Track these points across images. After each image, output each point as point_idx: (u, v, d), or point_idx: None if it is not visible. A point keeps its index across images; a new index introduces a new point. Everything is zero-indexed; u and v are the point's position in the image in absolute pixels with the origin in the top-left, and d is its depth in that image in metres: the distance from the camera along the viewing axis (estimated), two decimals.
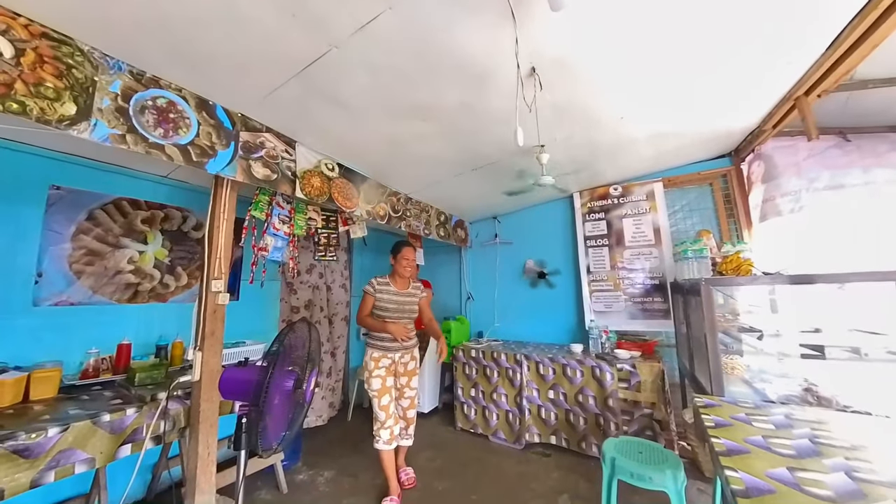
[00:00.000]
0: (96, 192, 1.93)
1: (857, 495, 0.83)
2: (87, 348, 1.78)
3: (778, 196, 2.37)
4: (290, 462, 2.39)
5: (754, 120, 2.28)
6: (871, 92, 1.90)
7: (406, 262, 2.15)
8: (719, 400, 1.54)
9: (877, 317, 1.59)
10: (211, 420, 1.54)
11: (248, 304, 2.64)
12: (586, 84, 1.69)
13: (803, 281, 1.76)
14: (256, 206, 1.93)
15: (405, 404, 2.21)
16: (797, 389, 1.88)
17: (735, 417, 1.33)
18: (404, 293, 2.17)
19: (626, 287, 2.99)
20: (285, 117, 1.74)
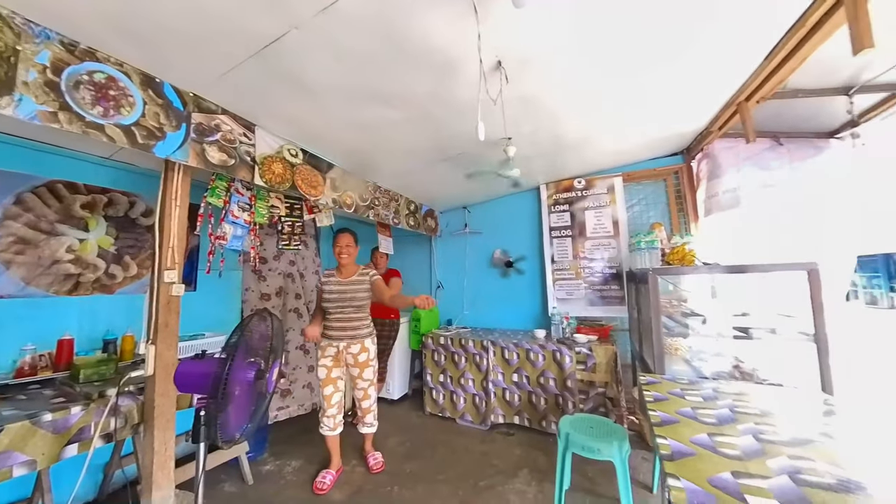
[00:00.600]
0: (25, 173, 1.74)
1: (758, 453, 0.98)
2: (22, 345, 1.64)
3: (720, 192, 2.59)
4: (256, 453, 2.36)
5: (703, 122, 2.46)
6: (801, 100, 2.10)
7: (338, 248, 2.13)
8: (660, 377, 1.71)
9: (792, 301, 1.81)
10: (167, 415, 1.49)
11: (207, 294, 2.52)
12: (550, 80, 1.74)
13: (735, 270, 1.96)
14: (213, 192, 1.83)
15: (359, 395, 2.24)
16: (728, 366, 2.12)
17: (672, 392, 1.49)
18: (347, 282, 2.15)
19: (586, 276, 3.17)
20: (243, 99, 1.65)
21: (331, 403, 2.11)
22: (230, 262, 2.60)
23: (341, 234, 2.15)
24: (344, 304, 2.11)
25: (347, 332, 2.12)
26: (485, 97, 1.62)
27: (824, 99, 2.05)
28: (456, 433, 2.75)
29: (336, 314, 2.12)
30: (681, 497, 0.81)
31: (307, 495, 1.99)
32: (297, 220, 2.36)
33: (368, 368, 2.21)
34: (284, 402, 2.79)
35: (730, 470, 0.91)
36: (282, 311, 2.85)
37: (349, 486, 2.09)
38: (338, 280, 2.15)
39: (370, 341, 2.24)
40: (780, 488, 0.82)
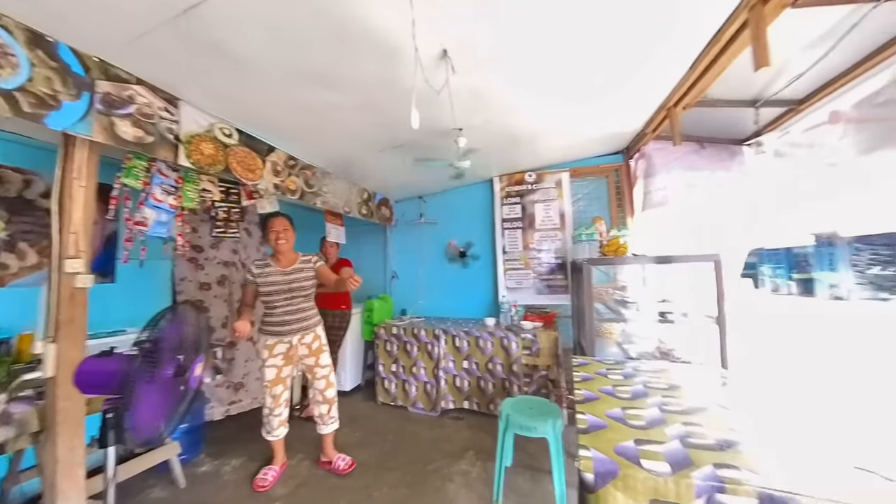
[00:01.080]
0: None
1: (660, 422, 1.10)
2: None
3: (653, 190, 2.83)
4: (190, 455, 2.22)
5: (639, 124, 2.64)
6: (720, 109, 2.34)
7: (273, 233, 1.96)
8: (591, 359, 1.85)
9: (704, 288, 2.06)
10: (74, 420, 1.34)
11: (130, 286, 2.28)
12: (499, 73, 1.76)
13: (657, 261, 2.16)
14: (129, 172, 1.64)
15: (321, 386, 2.10)
16: (651, 347, 2.36)
17: (598, 372, 1.62)
18: (290, 270, 1.99)
19: (534, 266, 3.32)
20: (164, 69, 1.48)
21: (279, 402, 2.00)
22: (154, 251, 2.36)
23: (275, 219, 1.98)
24: (291, 294, 1.97)
25: (300, 325, 2.00)
26: (426, 86, 1.61)
27: (738, 109, 2.30)
28: (407, 421, 2.79)
29: (282, 306, 1.96)
30: (588, 465, 0.90)
31: (247, 493, 1.92)
32: (235, 205, 2.19)
33: (324, 353, 2.11)
34: (237, 396, 2.65)
35: (633, 438, 1.02)
36: (228, 300, 2.67)
37: (293, 479, 2.04)
38: (279, 270, 1.98)
39: (321, 328, 2.15)
40: (670, 451, 0.94)
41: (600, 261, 2.24)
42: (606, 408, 1.22)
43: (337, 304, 3.06)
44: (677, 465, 0.88)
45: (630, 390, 1.38)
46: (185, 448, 2.16)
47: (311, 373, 2.09)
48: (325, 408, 2.11)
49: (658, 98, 2.24)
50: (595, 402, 1.28)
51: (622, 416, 1.15)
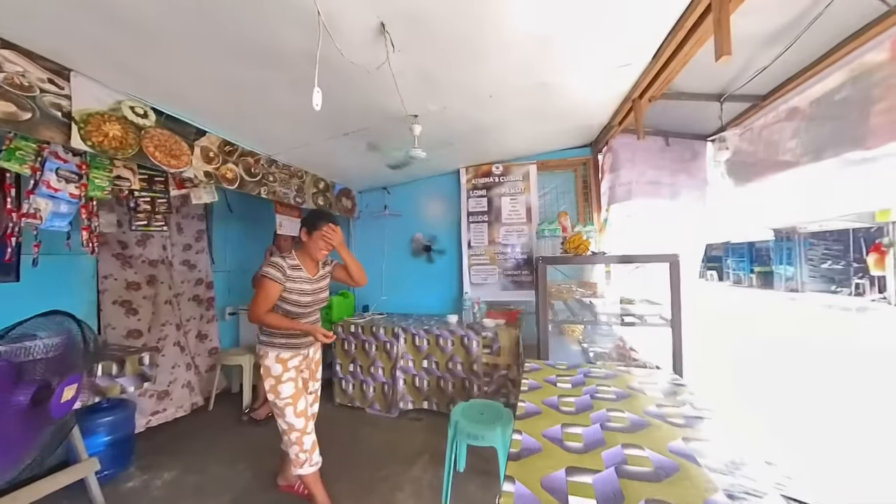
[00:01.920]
0: None
1: (599, 443, 1.02)
2: None
3: (618, 185, 2.76)
4: (117, 469, 2.02)
5: (605, 116, 2.55)
6: (685, 103, 2.27)
7: (324, 242, 1.66)
8: (543, 363, 1.78)
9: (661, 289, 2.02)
10: None
11: (38, 286, 2.02)
12: (450, 52, 1.60)
13: (615, 260, 2.10)
14: (10, 154, 1.39)
15: (309, 399, 1.82)
16: (610, 347, 2.32)
17: (547, 380, 1.54)
18: (317, 277, 1.75)
19: (500, 261, 3.23)
20: (44, 31, 1.24)
21: (308, 417, 1.72)
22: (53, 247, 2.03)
23: (335, 226, 1.69)
24: (317, 304, 1.76)
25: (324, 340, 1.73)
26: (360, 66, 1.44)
27: (703, 104, 2.24)
28: (364, 422, 2.68)
29: (306, 318, 1.74)
30: (509, 502, 0.80)
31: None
32: (160, 195, 1.96)
33: (320, 367, 1.94)
34: (161, 406, 2.44)
35: (566, 466, 0.93)
36: (155, 301, 2.44)
37: (228, 492, 1.89)
38: (308, 276, 1.70)
39: None
40: (602, 482, 0.86)
41: (555, 259, 2.16)
42: (546, 425, 1.14)
43: None
44: (605, 502, 0.79)
45: (575, 402, 1.30)
46: (109, 462, 1.97)
47: (306, 386, 1.83)
48: None
49: (622, 89, 2.14)
50: (536, 418, 1.19)
51: (560, 437, 1.07)
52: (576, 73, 1.88)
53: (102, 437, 1.95)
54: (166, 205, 1.99)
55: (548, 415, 1.21)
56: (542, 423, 1.16)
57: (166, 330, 2.53)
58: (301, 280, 1.66)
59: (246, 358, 2.83)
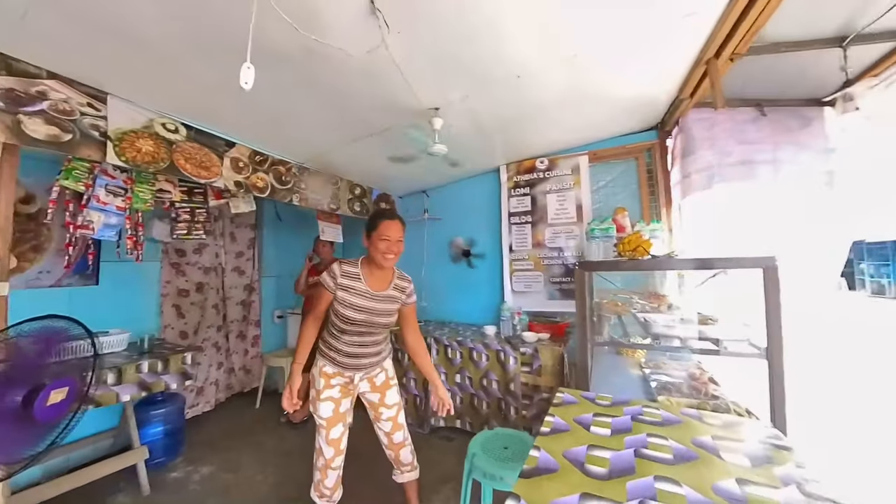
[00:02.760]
0: None
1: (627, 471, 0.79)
2: None
3: (694, 172, 2.22)
4: (168, 458, 2.21)
5: (672, 87, 2.07)
6: (786, 57, 1.70)
7: (384, 242, 1.39)
8: (580, 395, 1.43)
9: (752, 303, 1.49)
10: None
11: (114, 289, 2.32)
12: (458, 28, 1.39)
13: (688, 266, 1.63)
14: (69, 174, 1.58)
15: (386, 428, 1.61)
16: (682, 378, 1.82)
17: (578, 420, 1.21)
18: (381, 295, 1.47)
19: (546, 266, 2.86)
20: (84, 61, 1.37)
21: (340, 449, 1.51)
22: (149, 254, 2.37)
23: (390, 222, 1.42)
24: (371, 327, 1.47)
25: (368, 362, 1.53)
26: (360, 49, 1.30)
27: (814, 53, 1.65)
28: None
29: (354, 337, 1.48)
30: None
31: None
32: (199, 206, 2.10)
33: (392, 389, 1.63)
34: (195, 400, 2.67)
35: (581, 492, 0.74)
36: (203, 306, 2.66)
37: (249, 498, 1.91)
38: (367, 290, 1.45)
39: (389, 361, 1.68)
40: None
41: (597, 264, 1.77)
42: (571, 444, 0.95)
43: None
44: None
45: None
46: (161, 451, 2.16)
47: (374, 410, 1.63)
48: (392, 453, 1.65)
49: (691, 48, 1.68)
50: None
51: (581, 458, 0.88)
52: (625, 37, 1.51)
53: (156, 428, 2.14)
54: (205, 214, 2.13)
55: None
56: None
57: (211, 332, 2.76)
58: (355, 293, 1.43)
59: (287, 360, 2.95)
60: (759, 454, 0.98)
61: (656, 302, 2.12)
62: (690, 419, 1.19)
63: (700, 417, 1.20)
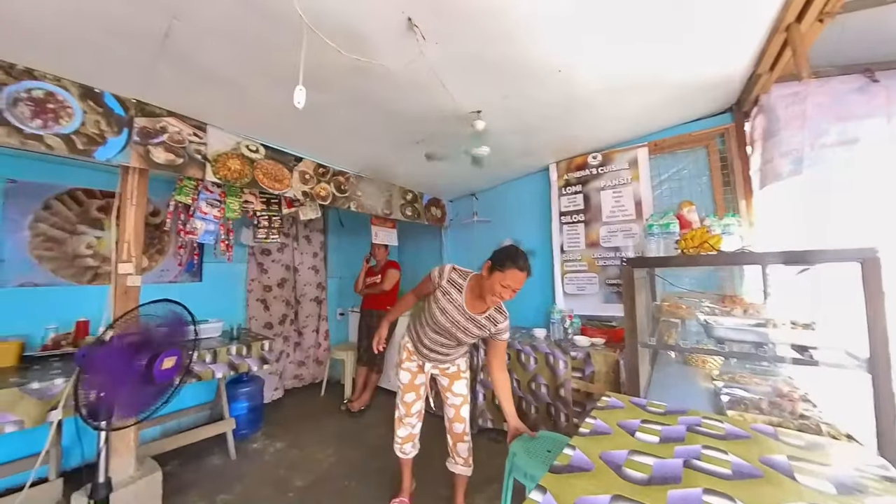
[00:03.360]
0: (51, 183, 2.11)
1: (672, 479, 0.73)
2: (48, 324, 2.01)
3: (777, 156, 1.91)
4: (250, 431, 2.57)
5: (746, 61, 1.83)
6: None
7: (506, 291, 1.37)
8: (628, 401, 1.32)
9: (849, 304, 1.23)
10: None
11: (213, 285, 2.79)
12: (492, 28, 1.43)
13: (765, 261, 1.42)
14: (181, 190, 1.98)
15: (450, 414, 1.72)
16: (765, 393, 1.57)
17: (623, 424, 1.13)
18: (472, 316, 1.51)
19: (602, 268, 2.69)
20: (184, 100, 1.73)
21: (410, 412, 1.74)
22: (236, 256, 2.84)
23: (520, 274, 1.36)
24: (448, 338, 1.58)
25: (438, 357, 1.66)
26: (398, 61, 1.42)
27: None
28: (441, 433, 2.60)
29: (434, 335, 1.59)
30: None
31: (272, 476, 2.09)
32: (276, 214, 2.44)
33: (459, 381, 1.72)
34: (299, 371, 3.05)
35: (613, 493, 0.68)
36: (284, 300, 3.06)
37: (312, 473, 2.12)
38: (462, 305, 1.50)
39: (463, 360, 1.76)
40: None
41: (646, 260, 1.63)
42: (610, 447, 0.90)
43: (382, 306, 3.11)
44: None
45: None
46: (245, 425, 2.52)
47: (442, 393, 1.77)
48: (449, 440, 1.76)
49: (767, 13, 1.48)
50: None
51: (620, 461, 0.83)
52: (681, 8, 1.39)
53: (241, 404, 2.51)
54: (279, 221, 2.47)
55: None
56: (608, 444, 0.89)
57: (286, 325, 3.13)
58: (450, 301, 1.50)
59: (347, 354, 3.21)
60: (850, 482, 0.82)
61: (730, 305, 1.86)
62: (762, 435, 1.04)
63: (775, 434, 1.05)
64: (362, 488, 1.98)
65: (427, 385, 1.79)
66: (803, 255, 1.25)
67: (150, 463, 1.80)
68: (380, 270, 3.13)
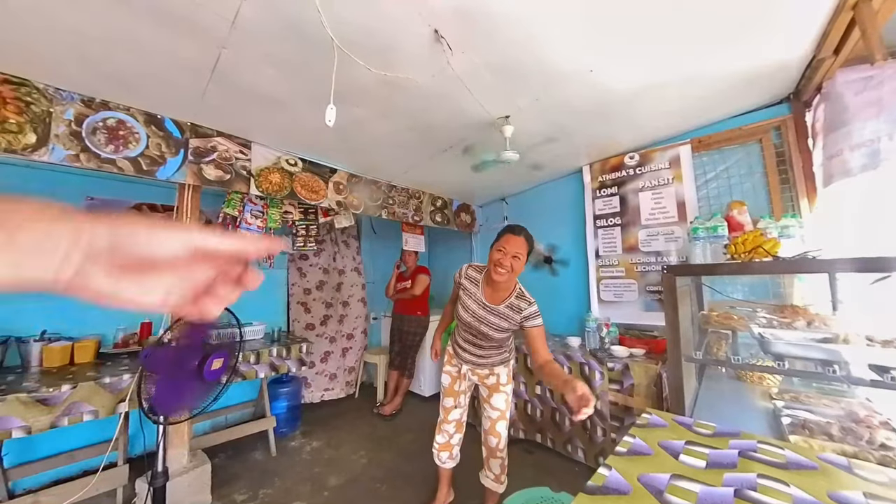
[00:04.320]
0: (121, 198, 2.37)
1: None
2: (119, 325, 2.25)
3: (847, 149, 1.70)
4: (289, 429, 2.70)
5: (806, 45, 1.66)
6: None
7: (500, 254, 1.41)
8: (671, 419, 1.23)
9: None
10: None
11: (256, 290, 2.96)
12: (517, 33, 1.41)
13: (841, 268, 1.27)
14: (229, 203, 2.15)
15: (486, 426, 1.68)
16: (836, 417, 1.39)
17: (664, 445, 1.05)
18: (491, 308, 1.51)
19: (641, 274, 2.54)
20: (231, 120, 1.87)
21: (448, 419, 1.71)
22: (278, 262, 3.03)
23: (511, 235, 1.44)
24: (476, 336, 1.58)
25: (474, 358, 1.64)
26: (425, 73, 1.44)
27: None
28: (470, 441, 2.56)
29: (466, 334, 1.63)
30: None
31: (308, 473, 2.18)
32: (312, 223, 2.57)
33: (498, 395, 1.65)
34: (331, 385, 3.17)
35: None
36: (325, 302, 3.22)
37: (346, 473, 2.18)
38: (481, 298, 1.53)
39: (502, 367, 1.67)
40: None
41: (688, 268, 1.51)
42: (650, 469, 0.84)
43: (413, 310, 3.15)
44: None
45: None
46: (284, 423, 2.65)
47: (482, 406, 1.73)
48: (484, 451, 1.73)
49: None
50: (641, 459, 0.84)
51: (661, 486, 0.77)
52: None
53: (282, 403, 2.65)
54: (316, 230, 2.59)
55: (659, 458, 0.82)
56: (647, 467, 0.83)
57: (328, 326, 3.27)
58: (470, 296, 1.55)
59: (380, 357, 3.29)
60: None
61: (791, 316, 1.67)
62: (831, 466, 0.93)
63: (849, 467, 0.93)
64: (392, 491, 2.01)
65: (467, 395, 1.78)
66: (881, 261, 1.10)
67: (201, 455, 1.95)
68: (410, 276, 3.19)
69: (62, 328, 2.11)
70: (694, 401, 1.60)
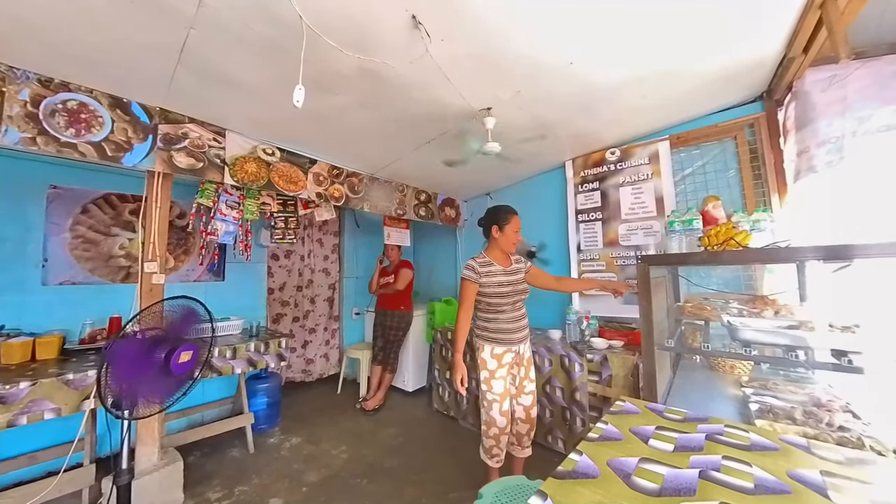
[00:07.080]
0: (88, 188, 2.27)
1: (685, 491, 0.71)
2: (86, 320, 2.15)
3: (814, 146, 1.76)
4: (268, 426, 2.64)
5: (777, 43, 1.71)
6: None
7: (517, 234, 1.80)
8: (644, 406, 1.25)
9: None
10: None
11: (235, 284, 2.91)
12: (497, 23, 1.40)
13: (795, 258, 1.31)
14: (203, 193, 2.08)
15: (527, 402, 1.79)
16: (799, 402, 1.45)
17: (636, 431, 1.07)
18: (511, 269, 1.81)
19: (621, 267, 2.58)
20: (203, 107, 1.80)
21: (509, 420, 1.76)
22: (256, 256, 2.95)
23: (519, 218, 1.84)
24: (517, 296, 1.78)
25: (524, 332, 1.79)
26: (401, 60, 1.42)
27: None
28: (453, 435, 2.59)
29: (508, 311, 1.75)
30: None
31: (287, 470, 2.14)
32: (291, 215, 2.51)
33: (533, 367, 1.87)
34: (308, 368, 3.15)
35: None
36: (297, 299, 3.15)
37: (326, 469, 2.16)
38: (501, 268, 1.78)
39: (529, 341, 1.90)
40: None
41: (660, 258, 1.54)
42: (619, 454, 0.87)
43: (396, 305, 3.13)
44: None
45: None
46: (264, 420, 2.60)
47: (516, 385, 1.80)
48: (525, 427, 1.81)
49: None
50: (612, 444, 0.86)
51: (629, 470, 0.80)
52: None
53: (261, 399, 2.59)
54: (295, 222, 2.53)
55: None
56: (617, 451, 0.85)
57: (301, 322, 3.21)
58: (494, 274, 1.76)
59: (363, 353, 3.25)
60: None
61: (760, 306, 1.73)
62: (792, 447, 0.96)
63: (808, 447, 0.96)
64: (373, 486, 1.99)
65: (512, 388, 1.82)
66: (842, 250, 1.14)
67: (172, 453, 1.88)
68: (393, 270, 3.16)
69: (23, 324, 2.01)
70: (668, 389, 1.63)
